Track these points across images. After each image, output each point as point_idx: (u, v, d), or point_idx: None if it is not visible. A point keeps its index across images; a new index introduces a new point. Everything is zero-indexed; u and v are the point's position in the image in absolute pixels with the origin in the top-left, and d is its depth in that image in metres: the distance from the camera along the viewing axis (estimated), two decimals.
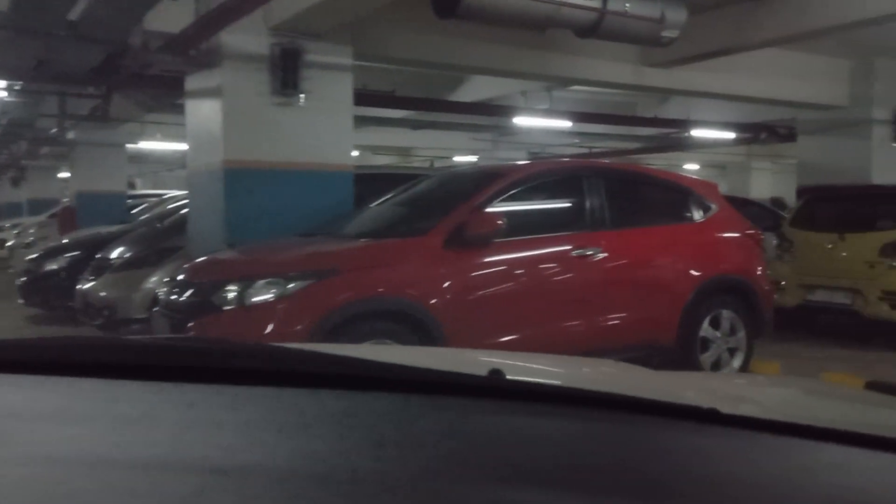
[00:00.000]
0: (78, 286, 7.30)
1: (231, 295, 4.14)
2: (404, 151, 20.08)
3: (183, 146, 15.18)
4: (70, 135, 12.61)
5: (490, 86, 10.84)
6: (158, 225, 8.20)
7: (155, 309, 4.85)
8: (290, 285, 4.12)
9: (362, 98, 8.74)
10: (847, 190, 8.18)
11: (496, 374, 1.02)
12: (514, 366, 1.40)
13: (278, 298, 4.09)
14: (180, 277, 4.60)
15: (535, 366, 1.52)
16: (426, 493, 0.66)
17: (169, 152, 17.67)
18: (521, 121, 11.53)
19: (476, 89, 11.12)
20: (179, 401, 0.91)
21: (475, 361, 1.52)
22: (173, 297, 4.49)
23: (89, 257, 7.90)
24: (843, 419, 1.18)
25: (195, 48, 5.84)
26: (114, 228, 9.22)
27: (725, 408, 0.91)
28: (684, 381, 1.61)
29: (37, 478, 0.67)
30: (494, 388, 0.97)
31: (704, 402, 0.94)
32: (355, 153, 18.09)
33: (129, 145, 14.59)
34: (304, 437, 0.79)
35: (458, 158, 19.89)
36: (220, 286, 4.20)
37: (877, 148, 10.26)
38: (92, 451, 0.74)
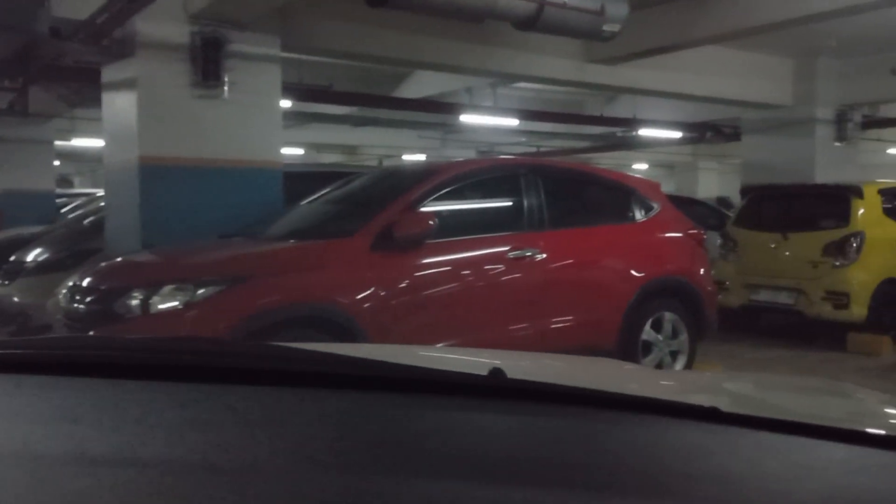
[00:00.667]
0: None
1: (134, 302, 3.80)
2: (351, 150, 19.73)
3: None
4: None
5: (434, 82, 10.60)
6: (79, 226, 7.75)
7: (57, 317, 4.46)
8: (200, 291, 3.79)
9: (297, 92, 8.42)
10: (790, 189, 8.12)
11: (497, 373, 1.01)
12: (514, 365, 1.36)
13: (186, 306, 3.76)
14: (84, 283, 4.23)
15: (535, 364, 1.53)
16: (427, 490, 0.66)
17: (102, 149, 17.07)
18: (467, 118, 11.31)
19: (419, 86, 10.87)
20: (175, 400, 0.91)
21: (475, 361, 1.52)
22: (74, 304, 4.12)
23: (4, 260, 7.43)
24: (845, 417, 1.19)
25: (109, 37, 5.44)
26: (37, 229, 8.73)
27: (726, 406, 0.92)
28: (685, 379, 1.64)
29: (33, 477, 0.68)
30: (496, 387, 0.97)
31: (705, 400, 0.95)
32: (299, 151, 17.82)
33: (60, 142, 14.03)
34: (304, 437, 0.79)
35: (406, 157, 19.63)
36: (124, 292, 3.85)
37: (820, 147, 10.32)
38: (88, 450, 0.75)
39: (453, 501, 0.64)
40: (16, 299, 6.57)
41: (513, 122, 12.04)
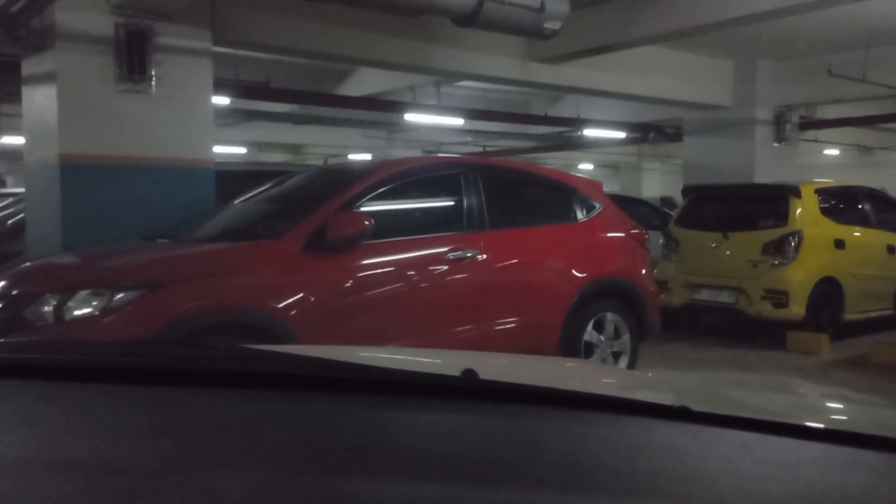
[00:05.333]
0: None
1: (47, 308, 3.55)
2: (295, 149, 19.44)
3: None
4: None
5: (377, 80, 10.46)
6: (2, 226, 7.38)
7: None
8: (118, 296, 3.56)
9: (233, 89, 8.18)
10: (730, 189, 8.19)
11: (470, 374, 0.99)
12: (487, 366, 1.36)
13: (103, 312, 3.53)
14: None
15: (507, 365, 1.53)
16: (405, 491, 0.65)
17: None
18: (412, 117, 11.18)
19: (362, 83, 10.72)
20: (145, 404, 0.90)
21: (447, 362, 1.51)
22: None
23: None
24: (815, 416, 1.20)
25: (26, 27, 5.14)
26: None
27: (696, 405, 0.92)
28: (656, 379, 1.65)
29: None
30: (469, 388, 0.96)
31: (675, 399, 0.96)
32: (241, 150, 17.45)
33: None
34: (278, 440, 0.78)
35: (352, 156, 19.41)
36: (36, 298, 3.60)
37: (759, 147, 10.51)
38: (57, 455, 0.74)
39: (431, 502, 0.65)
40: None
41: (458, 121, 12.00)
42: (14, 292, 3.75)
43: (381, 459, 0.74)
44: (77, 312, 3.55)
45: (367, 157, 18.81)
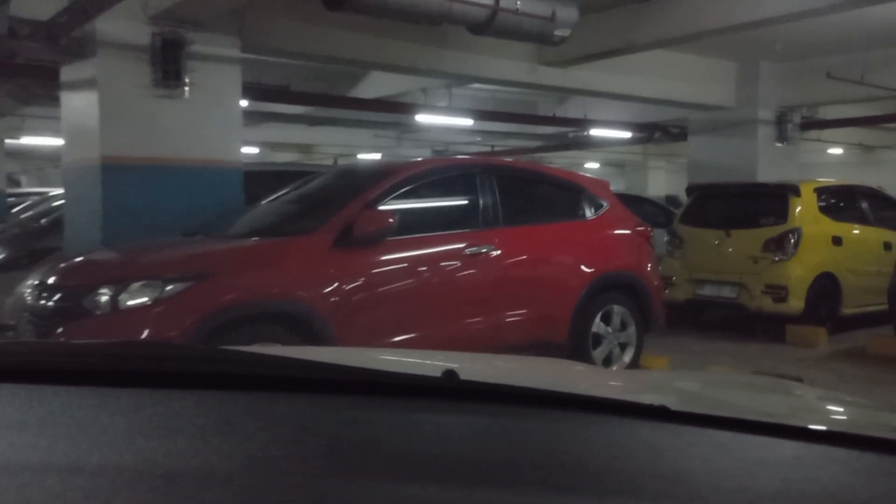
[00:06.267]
0: None
1: (104, 298, 3.89)
2: (306, 149, 19.75)
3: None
4: None
5: (390, 82, 10.75)
6: (35, 225, 7.73)
7: (23, 314, 4.51)
8: (168, 288, 3.89)
9: (255, 92, 8.51)
10: (733, 188, 8.48)
11: (451, 374, 1.01)
12: (468, 366, 1.39)
13: (155, 302, 3.87)
14: (49, 280, 4.30)
15: (488, 366, 1.53)
16: (383, 493, 0.66)
17: (54, 148, 16.83)
18: (422, 118, 11.49)
19: (376, 86, 11.00)
20: (122, 406, 0.89)
21: (429, 363, 1.52)
22: (41, 301, 4.19)
23: None
24: (789, 413, 1.23)
25: (67, 36, 5.48)
26: None
27: (675, 405, 0.93)
28: (635, 378, 1.64)
29: None
30: (450, 388, 0.97)
31: (655, 399, 0.96)
32: (254, 150, 17.78)
33: (9, 140, 13.80)
34: (258, 441, 0.77)
35: (361, 156, 19.72)
36: (92, 289, 3.94)
37: (762, 147, 10.76)
38: (35, 458, 0.73)
39: (412, 503, 0.64)
40: None
41: (467, 121, 12.27)
42: (72, 283, 4.09)
43: (363, 460, 0.74)
44: (130, 302, 3.88)
45: (377, 156, 19.15)
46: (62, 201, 8.38)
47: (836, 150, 19.61)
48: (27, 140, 14.74)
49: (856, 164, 21.23)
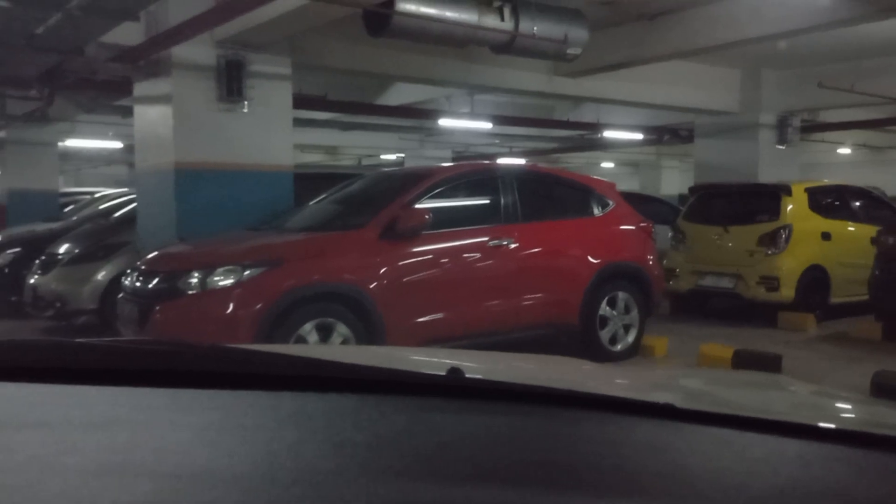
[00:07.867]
0: (29, 280, 7.67)
1: (195, 280, 4.75)
2: (332, 150, 20.52)
3: (111, 144, 15.37)
4: (0, 133, 12.72)
5: (416, 90, 11.47)
6: (104, 221, 8.60)
7: (120, 296, 5.38)
8: (247, 272, 4.75)
9: (298, 102, 9.34)
10: (731, 188, 9.21)
11: (456, 372, 1.03)
12: (473, 365, 1.41)
13: (236, 284, 4.72)
14: (143, 268, 5.17)
15: (494, 364, 1.53)
16: (386, 492, 0.65)
17: (95, 150, 17.75)
18: (445, 122, 12.29)
19: (403, 93, 11.74)
20: (136, 404, 0.89)
21: (433, 361, 1.52)
22: (138, 284, 5.06)
23: (30, 254, 8.24)
24: (795, 412, 1.23)
25: (144, 59, 6.36)
26: (54, 225, 9.49)
27: (681, 403, 0.94)
28: (641, 376, 1.64)
29: None
30: (454, 386, 0.98)
31: (660, 397, 0.98)
32: None
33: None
34: (263, 440, 0.77)
35: (384, 156, 20.46)
36: (185, 273, 4.80)
37: (763, 149, 11.42)
38: (48, 456, 0.72)
39: (415, 501, 0.64)
40: (53, 287, 7.41)
41: (487, 125, 12.99)
42: (167, 269, 4.97)
43: (366, 458, 0.73)
44: (218, 283, 4.74)
45: (400, 156, 19.92)
46: (122, 200, 9.30)
47: (846, 150, 20.04)
48: (71, 142, 15.45)
49: (865, 164, 21.44)
